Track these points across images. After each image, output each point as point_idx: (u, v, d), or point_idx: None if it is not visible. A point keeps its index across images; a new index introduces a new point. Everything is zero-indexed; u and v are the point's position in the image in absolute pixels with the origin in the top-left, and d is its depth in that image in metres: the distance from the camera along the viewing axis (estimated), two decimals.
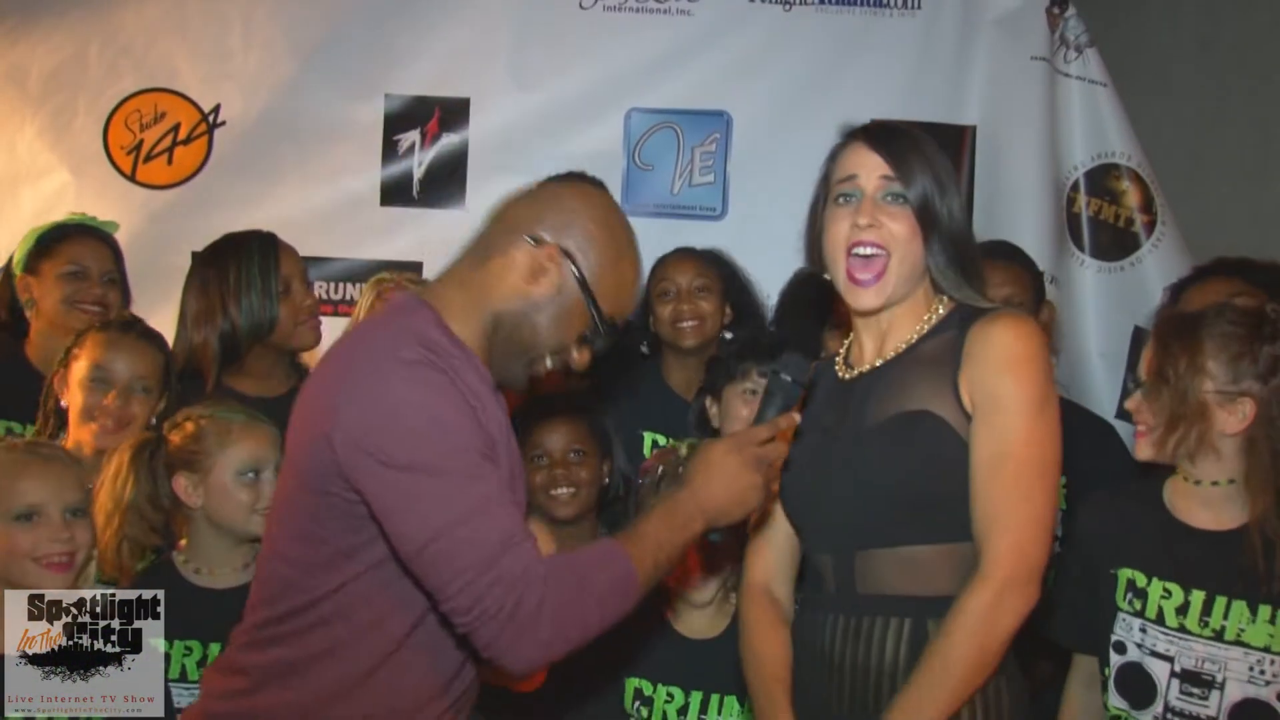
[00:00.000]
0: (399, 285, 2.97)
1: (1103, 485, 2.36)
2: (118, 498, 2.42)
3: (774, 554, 2.07)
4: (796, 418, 1.86)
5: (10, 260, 3.07)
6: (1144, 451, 2.21)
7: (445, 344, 1.72)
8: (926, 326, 1.92)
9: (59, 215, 3.21)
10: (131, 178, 3.71)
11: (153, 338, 2.83)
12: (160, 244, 3.61)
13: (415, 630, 1.71)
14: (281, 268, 2.89)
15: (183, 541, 2.48)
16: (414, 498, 1.58)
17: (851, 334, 2.03)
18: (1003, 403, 1.79)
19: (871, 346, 1.96)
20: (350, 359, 1.69)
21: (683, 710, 2.30)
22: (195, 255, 3.02)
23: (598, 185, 1.87)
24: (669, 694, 2.31)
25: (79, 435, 2.66)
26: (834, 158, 1.97)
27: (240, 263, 2.90)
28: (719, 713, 2.31)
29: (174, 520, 2.48)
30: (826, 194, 1.97)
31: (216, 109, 3.71)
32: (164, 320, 3.22)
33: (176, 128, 3.70)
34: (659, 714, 2.30)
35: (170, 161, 3.71)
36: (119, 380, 2.66)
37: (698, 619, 2.39)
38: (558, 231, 1.77)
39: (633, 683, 2.32)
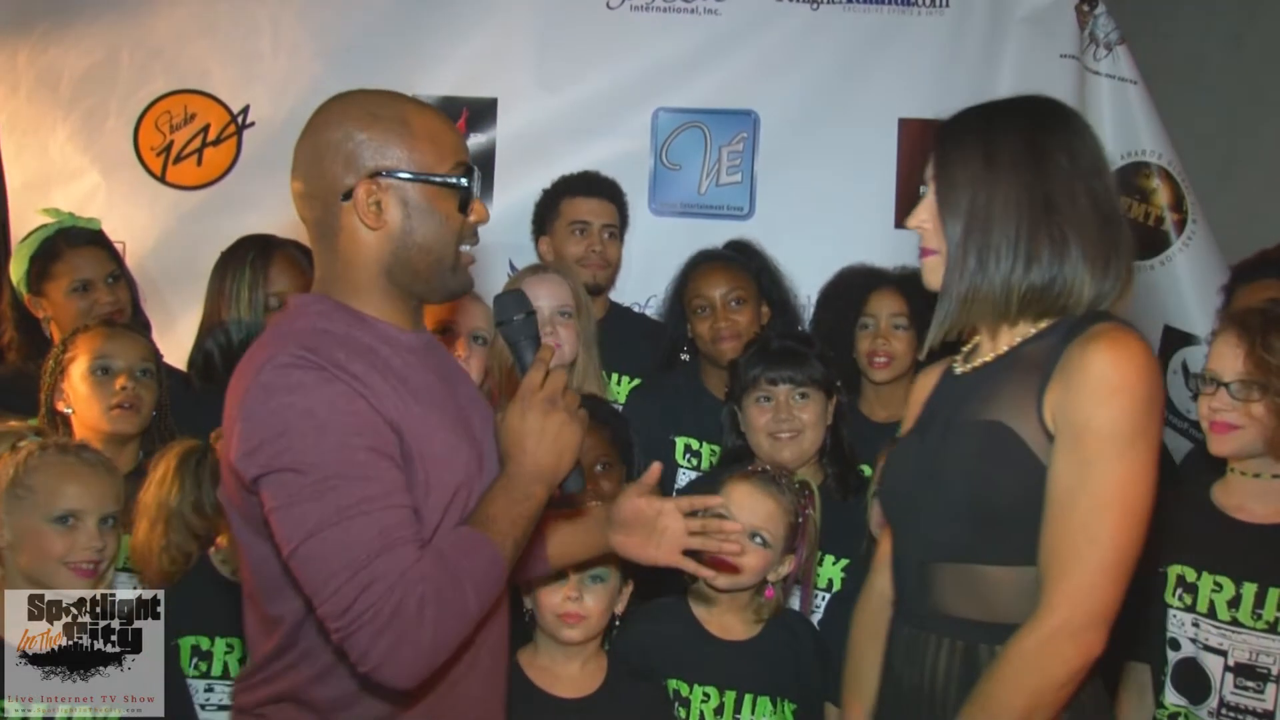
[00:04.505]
0: None
1: None
2: (162, 503, 2.44)
3: None
4: (551, 343, 1.82)
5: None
6: (1226, 446, 2.20)
7: (333, 331, 1.65)
8: (1033, 329, 1.79)
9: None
10: (161, 179, 3.74)
11: (139, 328, 2.89)
12: (190, 245, 3.63)
13: None
14: (271, 282, 2.92)
15: (220, 539, 2.48)
16: (289, 499, 1.52)
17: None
18: (1086, 434, 1.64)
19: (987, 344, 1.87)
20: (242, 380, 1.63)
21: (719, 710, 2.32)
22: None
23: (327, 102, 1.75)
24: (705, 694, 2.32)
25: (91, 428, 2.68)
26: None
27: (231, 275, 2.93)
28: (752, 712, 2.33)
29: (215, 522, 2.49)
30: None
31: (245, 110, 3.73)
32: (195, 321, 3.24)
33: (206, 129, 3.73)
34: (695, 714, 2.31)
35: (200, 162, 3.74)
36: (121, 366, 2.70)
37: (732, 622, 2.40)
38: (349, 168, 1.66)
39: (669, 684, 2.33)
